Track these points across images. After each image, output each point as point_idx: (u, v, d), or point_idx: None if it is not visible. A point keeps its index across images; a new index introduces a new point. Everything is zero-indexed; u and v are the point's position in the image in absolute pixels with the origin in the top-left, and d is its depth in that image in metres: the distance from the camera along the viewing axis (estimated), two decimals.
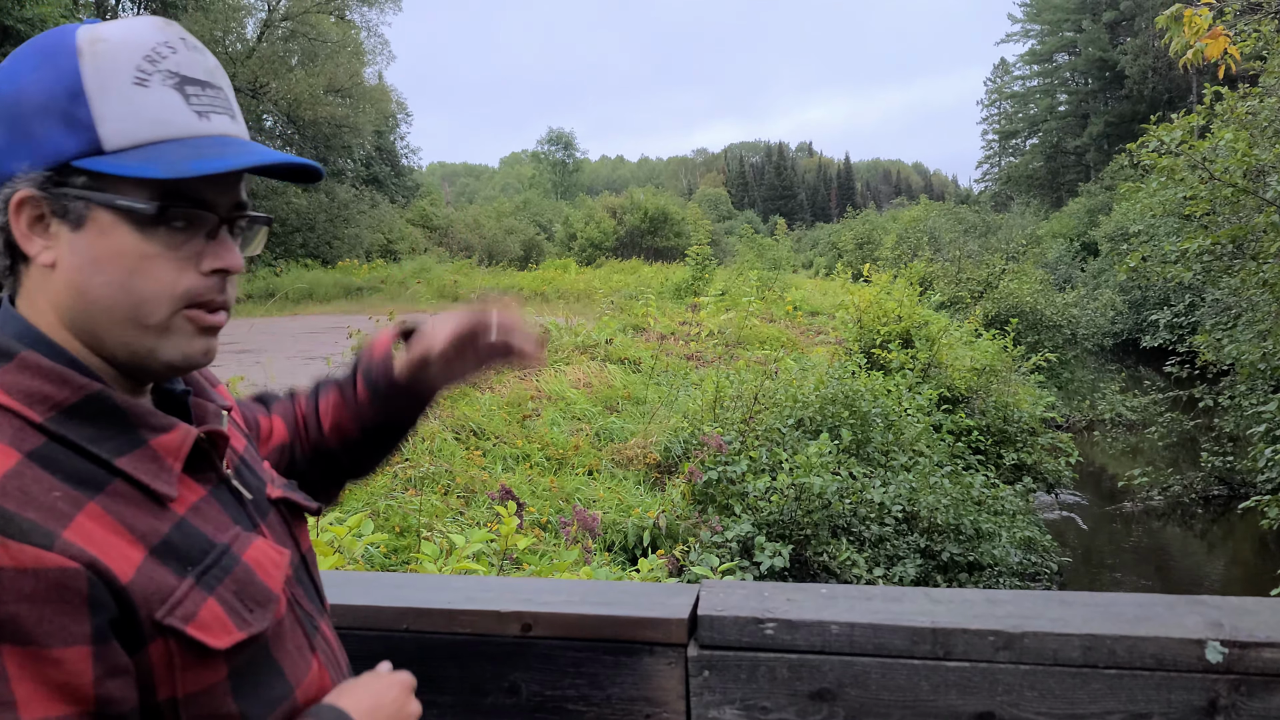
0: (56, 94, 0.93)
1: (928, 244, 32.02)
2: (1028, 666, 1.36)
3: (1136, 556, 12.71)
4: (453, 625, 1.51)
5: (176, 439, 1.00)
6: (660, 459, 9.09)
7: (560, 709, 1.49)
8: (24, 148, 0.94)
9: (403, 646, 1.52)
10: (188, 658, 0.92)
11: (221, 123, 1.01)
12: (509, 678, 1.50)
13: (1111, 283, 31.29)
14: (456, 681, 1.51)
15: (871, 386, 10.87)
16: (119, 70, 0.94)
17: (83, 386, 0.94)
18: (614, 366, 12.66)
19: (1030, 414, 13.99)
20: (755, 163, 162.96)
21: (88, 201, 0.94)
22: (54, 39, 0.96)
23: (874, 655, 1.40)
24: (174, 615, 0.91)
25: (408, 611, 1.51)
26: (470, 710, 1.52)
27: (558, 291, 27.98)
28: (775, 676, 1.42)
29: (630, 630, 1.46)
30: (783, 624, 1.42)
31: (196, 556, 0.96)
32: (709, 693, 1.44)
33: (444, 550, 4.05)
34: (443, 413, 8.92)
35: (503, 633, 1.50)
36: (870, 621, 1.40)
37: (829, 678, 1.41)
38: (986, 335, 16.85)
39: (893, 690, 1.39)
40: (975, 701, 1.37)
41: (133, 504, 0.93)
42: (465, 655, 1.51)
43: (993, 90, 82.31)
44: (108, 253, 0.95)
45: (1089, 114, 69.56)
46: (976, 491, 9.90)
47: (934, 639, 1.38)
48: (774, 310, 20.68)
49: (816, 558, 7.94)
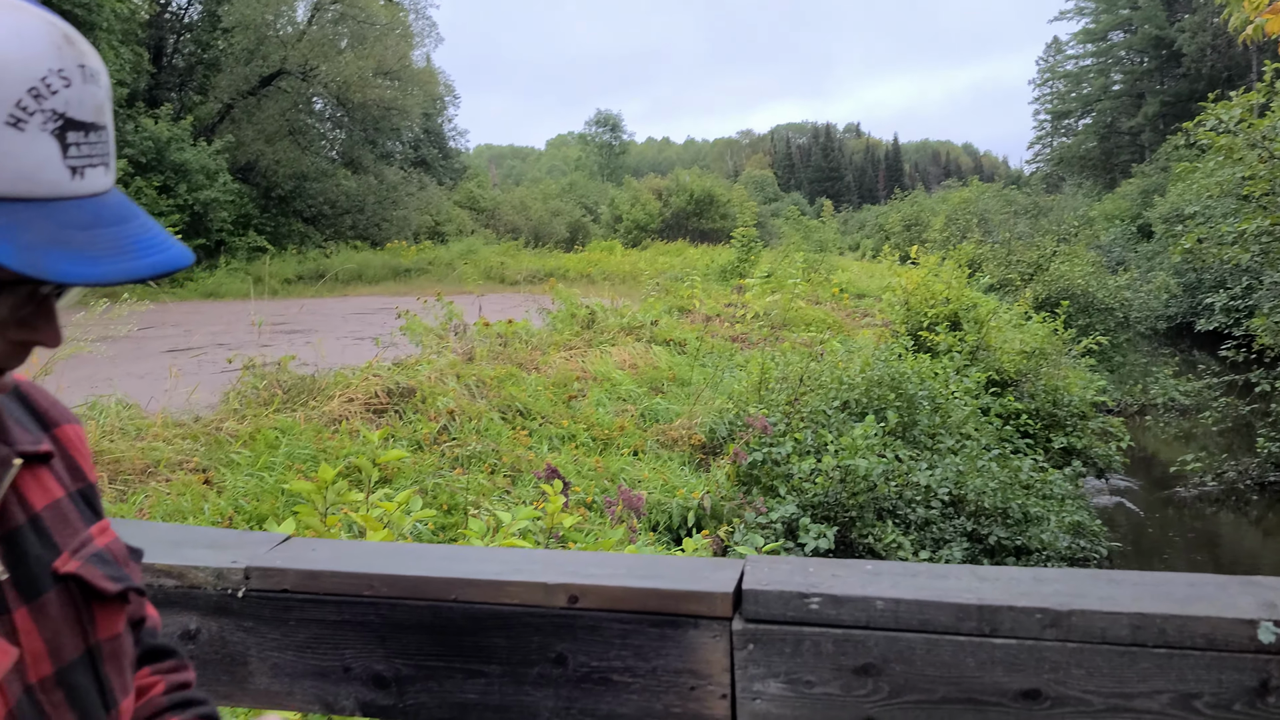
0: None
1: (977, 226, 31.66)
2: (1075, 644, 1.35)
3: (1189, 542, 12.52)
4: (500, 596, 1.53)
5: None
6: (705, 440, 9.10)
7: (606, 680, 1.51)
8: None
9: (451, 616, 1.54)
10: None
11: (95, 179, 0.81)
12: (555, 648, 1.52)
13: (1166, 265, 30.74)
14: (504, 651, 1.53)
15: (918, 369, 10.78)
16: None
17: None
18: (659, 348, 12.68)
19: (1080, 398, 13.80)
20: (802, 144, 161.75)
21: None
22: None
23: (919, 631, 1.40)
24: None
25: (456, 582, 1.53)
26: (517, 680, 1.54)
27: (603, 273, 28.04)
28: (820, 651, 1.43)
29: (676, 603, 1.47)
30: (827, 599, 1.42)
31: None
32: (753, 666, 1.45)
33: (490, 527, 4.09)
34: (490, 393, 8.99)
35: (550, 604, 1.51)
36: (916, 598, 1.40)
37: (874, 653, 1.41)
38: (1036, 318, 16.63)
39: (938, 666, 1.39)
40: (1021, 679, 1.37)
41: None
42: (513, 625, 1.52)
43: (1045, 69, 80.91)
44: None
45: (1144, 93, 68.19)
46: (1025, 475, 9.80)
47: (980, 616, 1.38)
48: (820, 292, 20.58)
49: (861, 540, 7.91)
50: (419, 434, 7.75)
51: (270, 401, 8.26)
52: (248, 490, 6.24)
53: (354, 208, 39.03)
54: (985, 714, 1.39)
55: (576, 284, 23.05)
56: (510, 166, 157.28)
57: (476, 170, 64.63)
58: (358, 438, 7.32)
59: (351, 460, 6.26)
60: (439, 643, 1.55)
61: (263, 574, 1.62)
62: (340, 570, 1.59)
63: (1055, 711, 1.36)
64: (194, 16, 39.52)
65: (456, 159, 55.90)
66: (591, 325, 13.46)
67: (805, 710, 1.44)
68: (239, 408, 8.23)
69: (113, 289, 9.05)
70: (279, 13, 37.53)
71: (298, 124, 38.82)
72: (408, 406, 8.31)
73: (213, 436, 7.30)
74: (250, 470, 6.62)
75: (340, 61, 37.63)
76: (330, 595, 1.56)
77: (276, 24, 37.69)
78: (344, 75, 37.35)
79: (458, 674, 1.55)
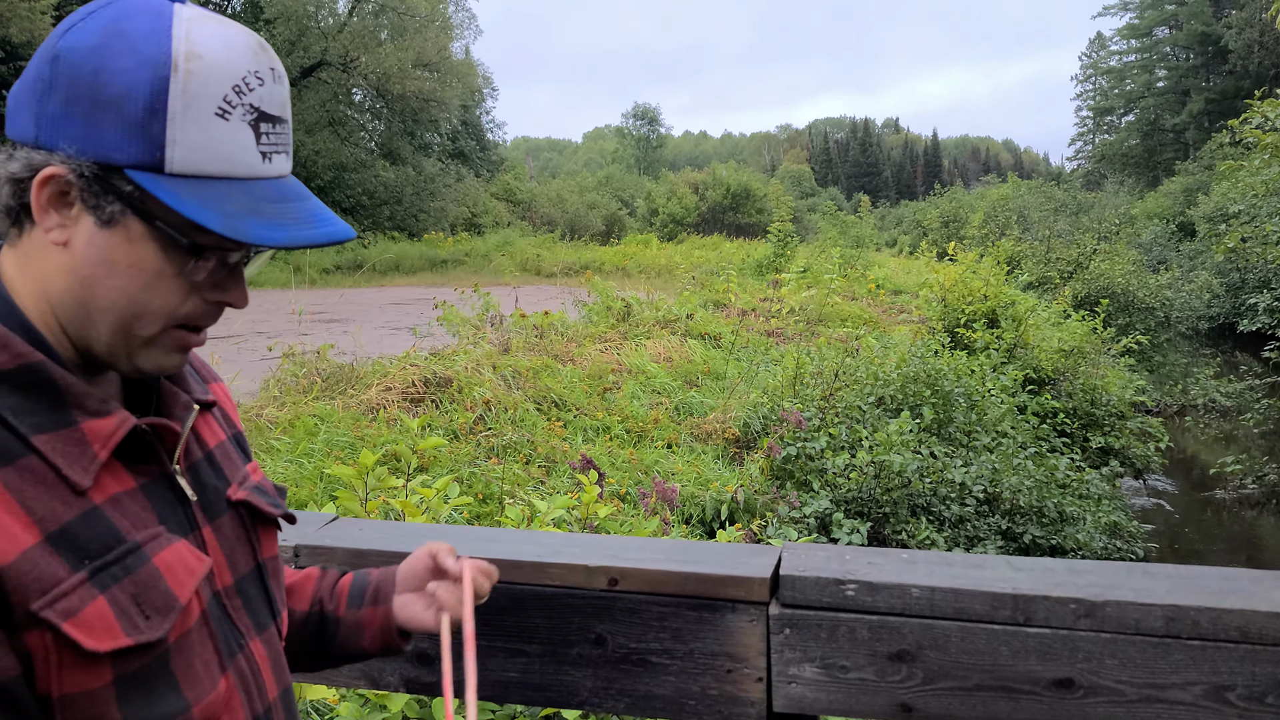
0: (136, 100, 0.88)
1: (1016, 223, 31.38)
2: (1109, 635, 1.36)
3: (1227, 545, 12.37)
4: (542, 577, 1.56)
5: (109, 426, 0.95)
6: (739, 434, 9.11)
7: (645, 661, 1.54)
8: (79, 129, 0.89)
9: (494, 596, 1.57)
10: (65, 656, 0.86)
11: (279, 163, 0.98)
12: (595, 629, 1.55)
13: (1208, 264, 30.33)
14: (545, 631, 1.56)
15: (955, 366, 10.72)
16: (206, 97, 0.90)
17: (21, 354, 0.91)
18: (694, 341, 12.69)
19: (1119, 397, 13.66)
20: (840, 139, 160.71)
21: (126, 209, 0.91)
22: (151, 34, 0.90)
23: (954, 619, 1.42)
24: (53, 609, 0.85)
25: (499, 563, 1.56)
26: (558, 660, 1.57)
27: (639, 266, 28.06)
28: (855, 637, 1.45)
29: (714, 587, 1.50)
30: (863, 586, 1.44)
31: (97, 550, 0.90)
32: (789, 650, 1.47)
33: (526, 516, 4.14)
34: (525, 384, 9.04)
35: (590, 586, 1.54)
36: (951, 586, 1.42)
37: (909, 640, 1.43)
38: (1075, 316, 16.47)
39: (972, 654, 1.41)
40: (1055, 668, 1.38)
41: (40, 484, 0.88)
42: (554, 606, 1.56)
43: (1088, 65, 79.98)
44: (127, 260, 0.93)
45: (1189, 90, 67.14)
46: (1061, 474, 9.72)
47: (1014, 605, 1.39)
48: (856, 288, 20.50)
49: (895, 536, 7.89)
50: (455, 423, 7.82)
51: (309, 389, 8.36)
52: (287, 476, 6.33)
53: (392, 199, 39.31)
54: (1018, 702, 1.41)
55: (612, 277, 23.08)
56: (547, 159, 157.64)
57: (514, 163, 64.85)
58: (395, 426, 7.40)
59: (389, 448, 6.33)
60: (482, 622, 1.58)
61: (312, 552, 1.66)
62: (386, 549, 1.63)
63: (1088, 701, 1.38)
64: (237, 8, 39.88)
65: (494, 151, 56.13)
66: (627, 318, 13.49)
67: (840, 695, 1.47)
68: (279, 395, 8.33)
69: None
70: (320, 4, 37.85)
71: (337, 115, 39.13)
72: (444, 396, 8.38)
73: (253, 423, 7.41)
74: (290, 456, 6.71)
75: (380, 53, 37.92)
76: None
77: (318, 15, 38.03)
78: (384, 67, 37.62)
79: (499, 653, 1.59)
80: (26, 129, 0.92)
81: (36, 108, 0.91)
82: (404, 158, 41.35)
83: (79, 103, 0.89)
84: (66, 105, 0.89)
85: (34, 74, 0.92)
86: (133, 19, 0.90)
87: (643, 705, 1.55)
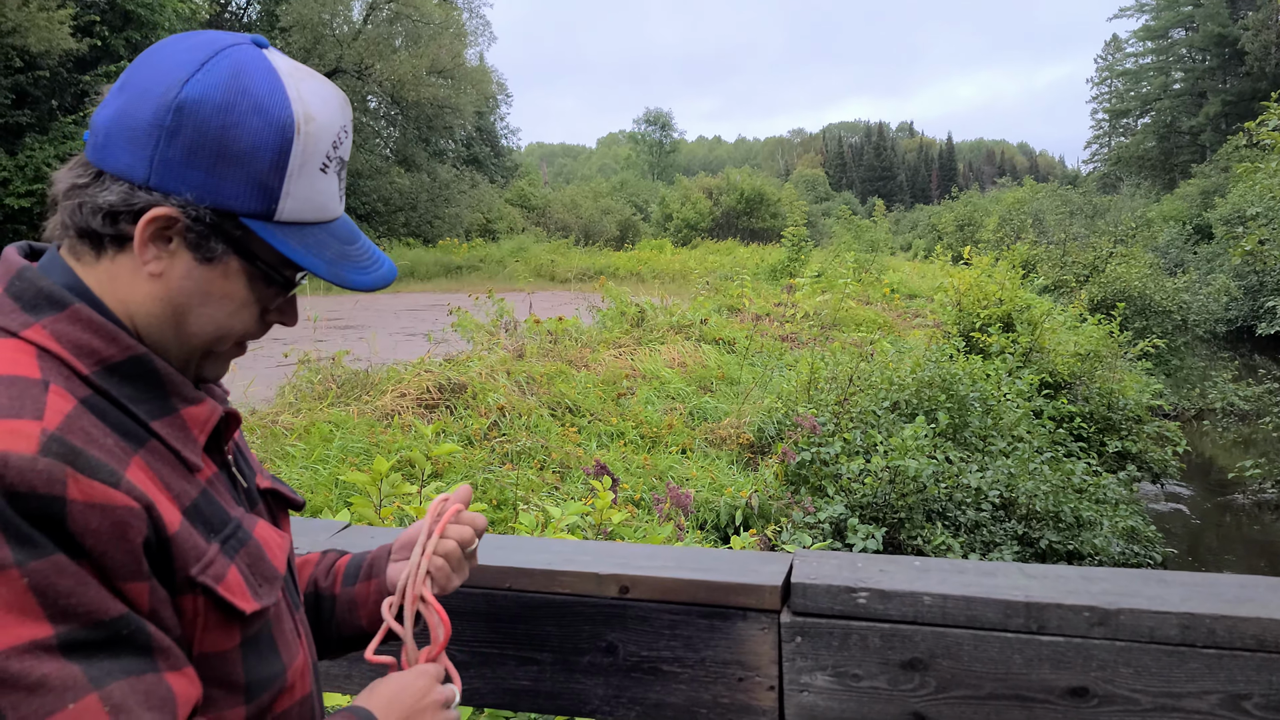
0: (262, 157, 0.97)
1: (1031, 226, 31.25)
2: (1123, 643, 1.35)
3: (1246, 550, 12.28)
4: (553, 585, 1.56)
5: (204, 412, 1.04)
6: (753, 439, 9.09)
7: (656, 669, 1.53)
8: (199, 178, 0.96)
9: (505, 604, 1.57)
10: (213, 618, 0.96)
11: (341, 203, 1.09)
12: (606, 637, 1.54)
13: (1226, 267, 30.16)
14: (556, 639, 1.56)
15: (970, 370, 10.68)
16: (316, 154, 1.01)
17: (129, 347, 0.97)
18: (708, 346, 12.68)
19: (1136, 401, 13.57)
20: (854, 143, 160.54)
21: (229, 249, 1.00)
22: (272, 95, 0.98)
23: (966, 627, 1.41)
24: (207, 574, 0.95)
25: (510, 570, 1.57)
26: (568, 668, 1.57)
27: (653, 271, 28.06)
28: (867, 645, 1.44)
29: (725, 595, 1.50)
30: (875, 593, 1.44)
31: (218, 525, 1.00)
32: (801, 658, 1.47)
33: (540, 522, 4.14)
34: (539, 390, 9.05)
35: (601, 594, 1.54)
36: (963, 594, 1.41)
37: (921, 648, 1.42)
38: (1092, 320, 16.38)
39: (985, 662, 1.40)
40: (1069, 676, 1.37)
41: (167, 465, 0.97)
42: (565, 614, 1.56)
43: (1104, 68, 79.69)
44: (221, 293, 1.01)
45: (1205, 92, 66.85)
46: (1077, 479, 9.65)
47: (1027, 613, 1.38)
48: (870, 293, 20.43)
49: (910, 541, 7.86)
50: (470, 429, 7.83)
51: (324, 395, 8.38)
52: (302, 483, 6.35)
53: (407, 205, 39.44)
54: (1032, 711, 1.40)
55: (626, 282, 23.10)
56: (561, 165, 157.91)
57: (528, 169, 64.97)
58: (410, 432, 7.41)
59: (404, 454, 6.35)
60: (492, 630, 1.58)
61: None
62: None
63: (1103, 710, 1.37)
64: (253, 16, 40.15)
65: (508, 157, 56.30)
66: (641, 323, 13.49)
67: (852, 703, 1.46)
68: (294, 401, 8.36)
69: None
70: (335, 12, 38.03)
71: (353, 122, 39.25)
72: (459, 402, 8.39)
73: (268, 429, 7.43)
74: (305, 463, 6.73)
75: (395, 60, 38.07)
76: None
77: (333, 23, 38.21)
78: (398, 74, 37.77)
79: (510, 661, 1.58)
80: (135, 169, 0.96)
81: (152, 151, 0.95)
82: (419, 164, 41.48)
83: (203, 154, 0.95)
84: (189, 154, 0.95)
85: (150, 118, 0.95)
86: (251, 76, 0.98)
87: (654, 714, 1.54)
